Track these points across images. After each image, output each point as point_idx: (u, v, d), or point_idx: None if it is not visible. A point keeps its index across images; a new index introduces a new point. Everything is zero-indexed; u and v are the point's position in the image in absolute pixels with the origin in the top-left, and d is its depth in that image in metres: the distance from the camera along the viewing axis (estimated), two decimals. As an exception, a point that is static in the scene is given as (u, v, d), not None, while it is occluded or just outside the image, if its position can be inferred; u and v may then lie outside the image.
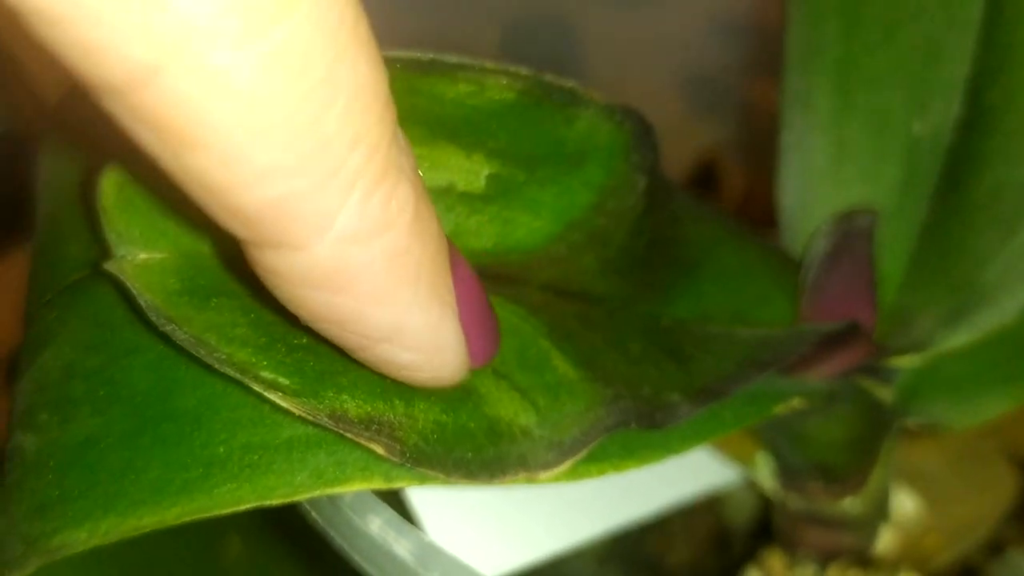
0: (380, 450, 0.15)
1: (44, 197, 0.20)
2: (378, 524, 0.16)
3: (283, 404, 0.14)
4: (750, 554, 0.29)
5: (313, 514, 0.17)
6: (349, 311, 0.13)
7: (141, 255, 0.15)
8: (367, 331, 0.13)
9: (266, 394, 0.14)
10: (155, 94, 0.10)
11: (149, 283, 0.15)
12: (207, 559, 0.22)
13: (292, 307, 0.13)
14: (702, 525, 0.31)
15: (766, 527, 0.28)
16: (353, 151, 0.11)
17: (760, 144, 0.24)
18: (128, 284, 0.14)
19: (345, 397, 0.15)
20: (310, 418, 0.14)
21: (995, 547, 0.30)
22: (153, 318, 0.14)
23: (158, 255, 0.15)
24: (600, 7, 0.37)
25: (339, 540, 0.17)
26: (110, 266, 0.15)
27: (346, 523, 0.17)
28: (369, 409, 0.15)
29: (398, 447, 0.15)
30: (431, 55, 0.15)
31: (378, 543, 0.17)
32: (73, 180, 0.19)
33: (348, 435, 0.15)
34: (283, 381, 0.14)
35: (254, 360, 0.14)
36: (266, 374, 0.14)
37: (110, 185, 0.15)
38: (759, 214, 0.26)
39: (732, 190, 0.39)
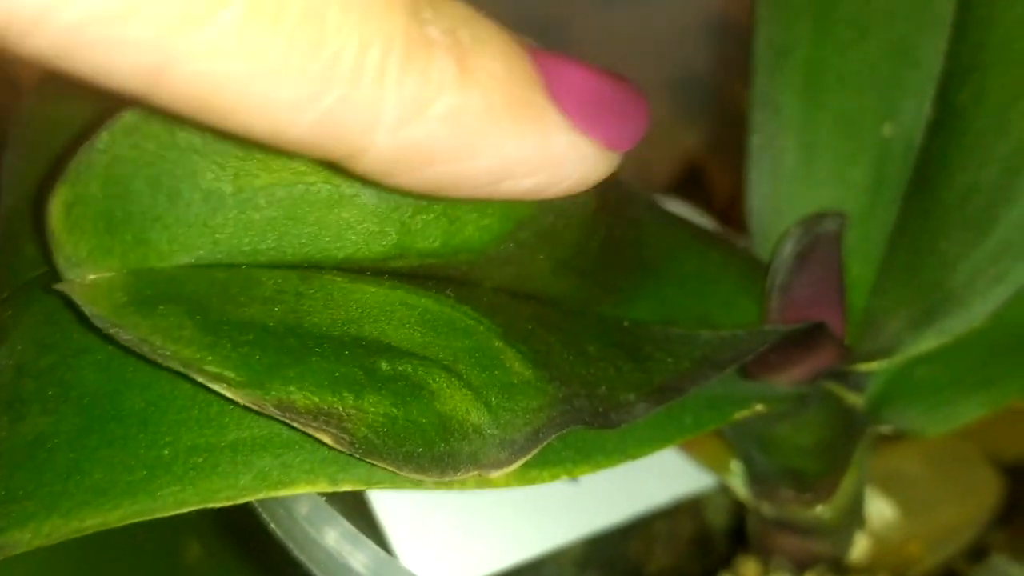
0: (328, 440, 0.14)
1: (5, 196, 0.20)
2: (334, 536, 0.16)
3: (228, 395, 0.14)
4: (731, 557, 0.29)
5: (271, 525, 0.17)
6: (451, 174, 0.14)
7: (90, 277, 0.15)
8: (480, 180, 0.14)
9: (211, 386, 0.14)
10: (171, 87, 0.12)
11: (96, 298, 0.15)
12: (166, 562, 0.22)
13: (414, 191, 0.14)
14: (683, 529, 0.31)
15: (746, 529, 0.28)
16: (368, 50, 0.12)
17: (746, 146, 0.23)
18: (77, 301, 0.14)
19: (292, 388, 0.14)
20: (256, 408, 0.14)
21: (979, 552, 0.30)
22: (100, 326, 0.14)
23: (106, 274, 0.15)
24: (585, 8, 0.37)
25: (296, 551, 0.17)
26: (60, 287, 0.15)
27: (303, 535, 0.17)
28: (317, 400, 0.15)
29: (347, 438, 0.14)
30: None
31: (334, 556, 0.16)
32: (33, 180, 0.19)
33: (295, 425, 0.14)
34: (229, 374, 0.14)
35: (199, 355, 0.14)
36: (211, 368, 0.14)
37: (59, 207, 0.15)
38: (744, 215, 0.26)
39: (718, 193, 0.38)
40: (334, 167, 0.15)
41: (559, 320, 0.18)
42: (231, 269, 0.15)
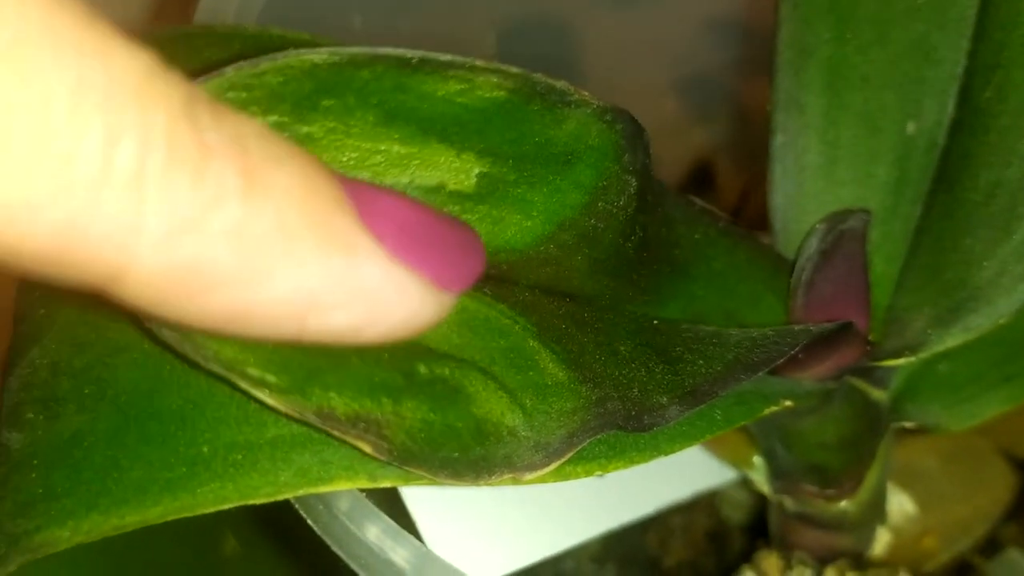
0: (368, 448, 0.15)
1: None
2: (375, 532, 0.16)
3: (270, 402, 0.14)
4: (748, 552, 0.29)
5: (309, 520, 0.17)
6: (241, 304, 0.12)
7: None
8: (278, 311, 0.12)
9: (252, 392, 0.14)
10: None
11: None
12: (202, 556, 0.22)
13: (197, 325, 0.12)
14: (700, 524, 0.31)
15: (764, 524, 0.28)
16: (117, 146, 0.10)
17: (756, 145, 0.24)
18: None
19: (332, 395, 0.14)
20: (297, 416, 0.14)
21: (993, 546, 0.30)
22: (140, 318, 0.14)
23: None
24: (596, 8, 0.37)
25: (335, 547, 0.17)
26: None
27: (342, 530, 0.17)
28: (356, 407, 0.15)
29: (385, 445, 0.15)
30: (420, 53, 0.15)
31: (375, 551, 0.16)
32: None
33: (335, 433, 0.14)
34: (270, 378, 0.14)
35: (240, 357, 0.14)
36: (253, 371, 0.14)
37: None
38: (755, 215, 0.26)
39: (728, 191, 0.39)
40: (385, 164, 0.15)
41: (592, 319, 0.18)
42: None
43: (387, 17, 0.30)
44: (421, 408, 0.15)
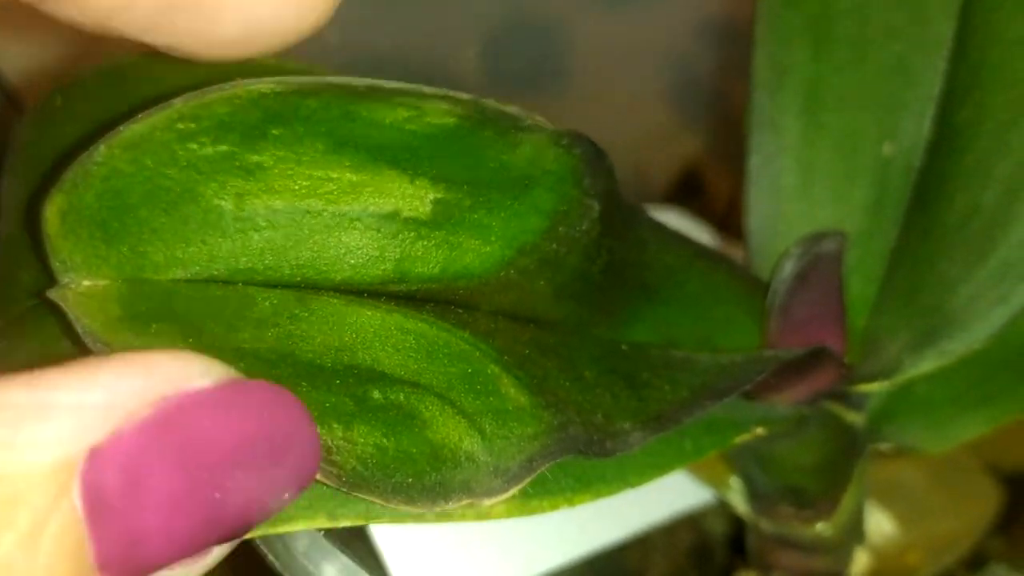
0: (316, 475, 0.14)
1: (4, 219, 0.20)
2: (332, 572, 0.16)
3: None
4: (730, 567, 0.29)
5: (270, 558, 0.17)
6: None
7: (84, 282, 0.15)
8: None
9: None
10: None
11: (89, 310, 0.14)
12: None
13: None
14: (682, 539, 0.31)
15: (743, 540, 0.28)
16: None
17: (745, 166, 0.23)
18: (69, 311, 0.14)
19: None
20: None
21: (977, 561, 0.30)
22: (90, 343, 0.14)
23: (101, 282, 0.15)
24: (583, 12, 0.36)
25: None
26: (52, 294, 0.15)
27: (301, 570, 0.16)
28: None
29: (334, 471, 0.14)
30: (368, 81, 0.15)
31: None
32: (24, 203, 0.19)
33: None
34: None
35: None
36: None
37: (53, 213, 0.15)
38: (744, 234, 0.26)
39: (717, 197, 0.38)
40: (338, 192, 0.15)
41: (557, 344, 0.18)
42: (227, 286, 0.15)
43: (365, 31, 0.30)
44: (374, 433, 0.15)
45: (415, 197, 0.16)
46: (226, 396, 0.12)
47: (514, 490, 0.16)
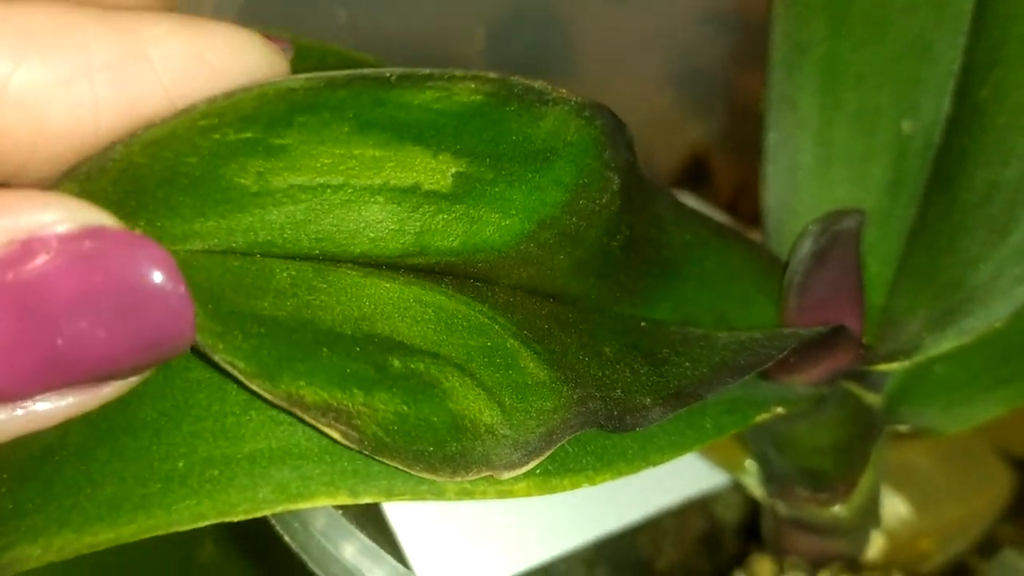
0: (337, 436, 0.14)
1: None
2: (351, 551, 0.16)
3: (241, 380, 0.14)
4: (741, 554, 0.29)
5: (287, 538, 0.17)
6: None
7: None
8: None
9: (224, 367, 0.14)
10: None
11: None
12: (178, 560, 0.22)
13: None
14: (692, 526, 0.31)
15: (757, 524, 0.28)
16: None
17: (752, 138, 0.23)
18: None
19: (302, 383, 0.14)
20: (268, 398, 0.14)
21: (989, 547, 0.30)
22: None
23: None
24: (589, 0, 0.36)
25: (312, 565, 0.17)
26: None
27: (319, 549, 0.16)
28: (327, 396, 0.14)
29: (356, 435, 0.14)
30: (400, 70, 0.15)
31: (351, 570, 0.16)
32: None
33: (306, 419, 0.14)
34: (239, 364, 0.14)
35: (211, 343, 0.14)
36: (223, 356, 0.14)
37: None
38: (751, 210, 0.26)
39: (724, 185, 0.38)
40: (359, 167, 0.14)
41: (577, 320, 0.18)
42: (245, 257, 0.15)
43: (372, 12, 0.30)
44: (394, 400, 0.15)
45: (437, 171, 0.16)
46: (79, 244, 0.12)
47: (533, 463, 0.15)
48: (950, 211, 0.21)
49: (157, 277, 0.12)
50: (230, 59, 0.14)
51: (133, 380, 0.14)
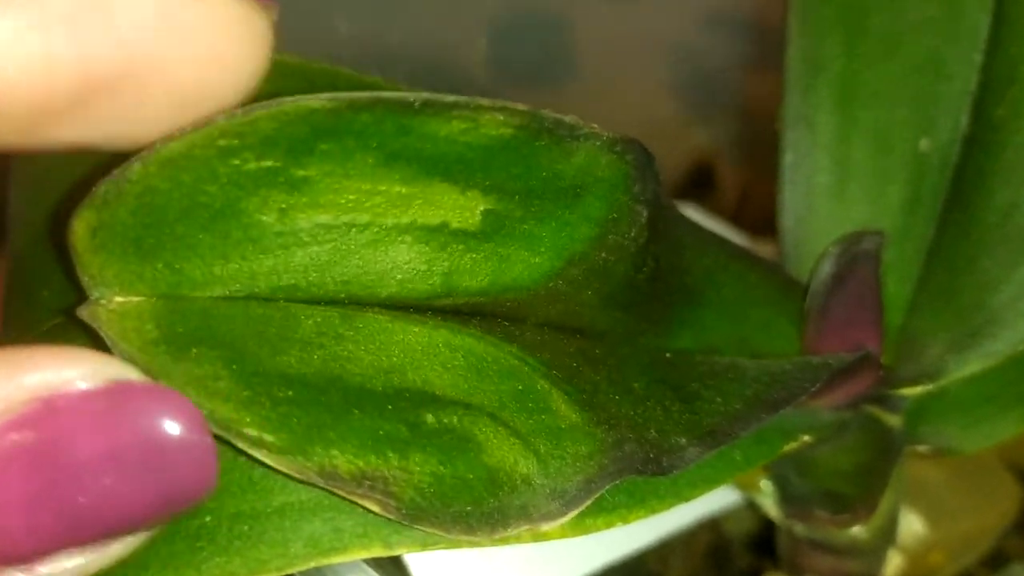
0: (375, 508, 0.14)
1: (15, 233, 0.19)
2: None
3: (269, 462, 0.13)
4: (751, 570, 0.29)
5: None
6: None
7: (116, 298, 0.14)
8: None
9: (251, 452, 0.13)
10: None
11: (124, 330, 0.14)
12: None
13: None
14: (702, 540, 0.31)
15: (767, 541, 0.28)
16: None
17: (757, 145, 0.23)
18: (103, 332, 0.13)
19: (335, 452, 0.14)
20: (299, 477, 0.14)
21: (998, 560, 0.30)
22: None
23: (134, 298, 0.14)
24: (591, 4, 0.36)
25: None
26: (83, 313, 0.14)
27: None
28: (361, 464, 0.14)
29: (394, 503, 0.14)
30: (424, 95, 0.14)
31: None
32: (43, 217, 0.18)
33: (341, 493, 0.14)
34: (268, 438, 0.13)
35: (237, 416, 0.13)
36: (250, 431, 0.13)
37: (83, 228, 0.14)
38: (756, 216, 0.25)
39: (729, 192, 0.38)
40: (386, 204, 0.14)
41: (603, 355, 0.18)
42: (268, 303, 0.15)
43: (374, 22, 0.29)
44: (430, 461, 0.14)
45: (465, 208, 0.15)
46: (103, 401, 0.12)
47: (573, 513, 0.15)
48: (969, 230, 0.21)
49: (183, 430, 0.12)
50: (204, 14, 0.13)
51: (144, 536, 0.13)
